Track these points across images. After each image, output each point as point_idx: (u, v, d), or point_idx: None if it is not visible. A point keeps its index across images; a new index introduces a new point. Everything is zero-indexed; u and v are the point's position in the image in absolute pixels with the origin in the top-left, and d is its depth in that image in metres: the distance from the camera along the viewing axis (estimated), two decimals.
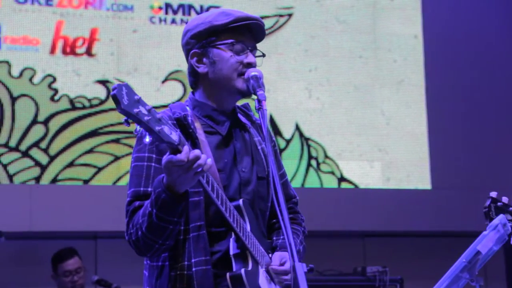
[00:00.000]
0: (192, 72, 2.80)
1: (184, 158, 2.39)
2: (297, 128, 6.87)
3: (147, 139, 2.41)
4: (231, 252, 2.63)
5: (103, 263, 6.31)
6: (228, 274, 2.59)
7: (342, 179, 6.83)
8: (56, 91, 6.34)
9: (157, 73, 6.57)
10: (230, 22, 2.73)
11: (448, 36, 7.37)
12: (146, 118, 2.31)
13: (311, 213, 4.15)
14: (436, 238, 7.05)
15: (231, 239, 2.64)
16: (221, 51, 2.73)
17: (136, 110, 2.29)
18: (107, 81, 6.43)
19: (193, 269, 2.60)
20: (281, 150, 6.71)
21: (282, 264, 2.71)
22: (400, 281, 6.01)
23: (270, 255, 2.74)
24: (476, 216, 4.81)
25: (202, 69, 2.76)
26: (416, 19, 7.34)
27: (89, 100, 6.39)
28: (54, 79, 6.33)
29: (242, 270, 2.59)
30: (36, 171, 6.27)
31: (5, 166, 6.23)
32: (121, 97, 2.27)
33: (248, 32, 2.77)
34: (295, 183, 6.57)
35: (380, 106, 7.12)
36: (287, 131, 6.85)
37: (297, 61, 7.01)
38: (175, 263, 2.63)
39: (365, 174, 6.92)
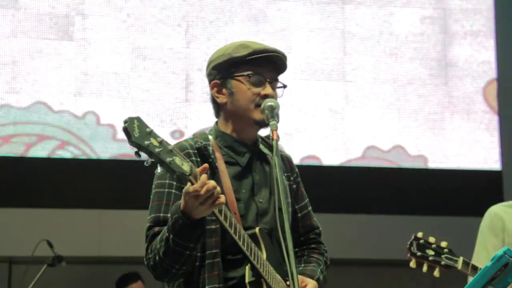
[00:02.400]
0: (213, 101, 2.87)
1: (199, 189, 2.43)
2: None
3: (159, 170, 2.46)
4: (247, 280, 2.66)
5: None
6: None
7: None
8: None
9: None
10: (248, 54, 2.78)
11: None
12: (157, 150, 2.36)
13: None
14: None
15: (247, 267, 2.66)
16: (239, 82, 2.79)
17: (147, 143, 2.35)
18: None
19: None
20: None
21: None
22: None
23: (287, 282, 2.75)
24: None
25: (221, 99, 2.83)
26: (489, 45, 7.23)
27: None
28: None
29: None
30: None
31: None
32: (131, 130, 2.33)
33: (268, 64, 2.81)
34: None
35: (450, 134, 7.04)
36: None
37: (365, 89, 7.00)
38: None
39: None
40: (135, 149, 2.37)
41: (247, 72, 2.78)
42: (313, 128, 6.86)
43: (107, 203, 6.36)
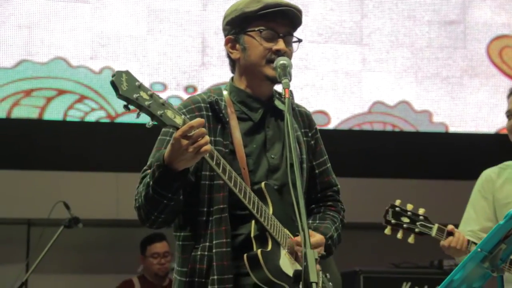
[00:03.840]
0: (228, 57, 2.88)
1: (186, 128, 2.39)
2: None
3: (150, 123, 2.41)
4: (252, 234, 2.65)
5: None
6: (245, 255, 2.60)
7: None
8: None
9: None
10: (260, 9, 2.76)
11: None
12: (147, 103, 2.35)
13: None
14: None
15: (253, 222, 2.66)
16: (251, 38, 2.78)
17: (135, 95, 2.33)
18: None
19: (214, 250, 2.64)
20: None
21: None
22: None
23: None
24: None
25: (235, 55, 2.83)
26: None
27: None
28: None
29: (259, 251, 2.59)
30: None
31: None
32: (119, 84, 2.31)
33: (281, 18, 2.79)
34: None
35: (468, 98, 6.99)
36: None
37: (382, 52, 6.95)
38: (197, 243, 2.68)
39: None
40: (124, 103, 2.35)
41: (259, 27, 2.77)
42: (329, 91, 6.83)
43: (124, 165, 6.38)
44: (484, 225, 3.71)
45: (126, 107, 2.35)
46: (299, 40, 2.83)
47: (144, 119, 2.40)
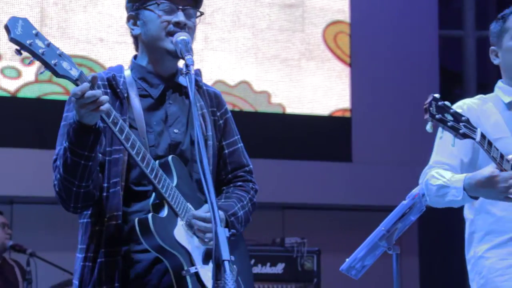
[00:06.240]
0: (131, 34, 2.84)
1: (78, 92, 2.41)
2: None
3: (43, 70, 2.40)
4: (151, 202, 2.64)
5: (18, 229, 6.20)
6: (136, 219, 2.58)
7: None
8: None
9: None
10: None
11: (374, 15, 7.46)
12: (41, 50, 2.33)
13: None
14: (354, 212, 7.18)
15: (153, 192, 2.64)
16: (151, 12, 2.75)
17: (29, 41, 2.30)
18: None
19: (105, 224, 2.63)
20: None
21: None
22: (318, 253, 6.11)
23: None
24: (393, 191, 4.91)
25: (136, 31, 2.80)
26: None
27: None
28: None
29: (150, 215, 2.57)
30: None
31: None
32: (13, 28, 2.28)
33: None
34: None
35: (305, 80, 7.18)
36: None
37: (224, 31, 6.99)
38: (96, 219, 2.66)
39: None
40: (17, 47, 2.32)
41: (157, 0, 2.74)
42: None
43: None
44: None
45: (18, 51, 2.31)
46: (201, 14, 2.83)
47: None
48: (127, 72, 2.79)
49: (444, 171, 3.04)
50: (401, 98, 7.40)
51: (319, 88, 7.26)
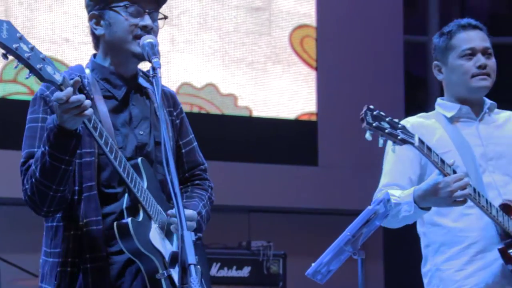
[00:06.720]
0: (92, 34, 2.82)
1: (63, 97, 2.41)
2: None
3: (29, 75, 2.39)
4: (124, 206, 2.65)
5: None
6: (115, 223, 2.60)
7: None
8: None
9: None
10: None
11: (340, 20, 7.49)
12: (26, 54, 2.32)
13: None
14: (320, 216, 7.20)
15: (126, 194, 2.66)
16: (117, 13, 2.75)
17: (15, 45, 2.30)
18: None
19: (84, 229, 2.62)
20: None
21: None
22: (283, 256, 6.12)
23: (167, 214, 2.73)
24: (359, 195, 4.94)
25: (99, 31, 2.79)
26: None
27: None
28: None
29: (129, 219, 2.59)
30: None
31: None
32: None
33: None
34: None
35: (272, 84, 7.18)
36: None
37: (191, 33, 6.97)
38: (69, 223, 2.65)
39: None
40: (3, 51, 2.31)
41: (124, 2, 2.74)
42: None
43: None
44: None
45: (4, 56, 2.30)
46: (165, 17, 2.84)
47: None
48: (87, 72, 2.78)
49: (394, 190, 3.08)
50: (367, 102, 7.39)
51: (285, 91, 7.27)
